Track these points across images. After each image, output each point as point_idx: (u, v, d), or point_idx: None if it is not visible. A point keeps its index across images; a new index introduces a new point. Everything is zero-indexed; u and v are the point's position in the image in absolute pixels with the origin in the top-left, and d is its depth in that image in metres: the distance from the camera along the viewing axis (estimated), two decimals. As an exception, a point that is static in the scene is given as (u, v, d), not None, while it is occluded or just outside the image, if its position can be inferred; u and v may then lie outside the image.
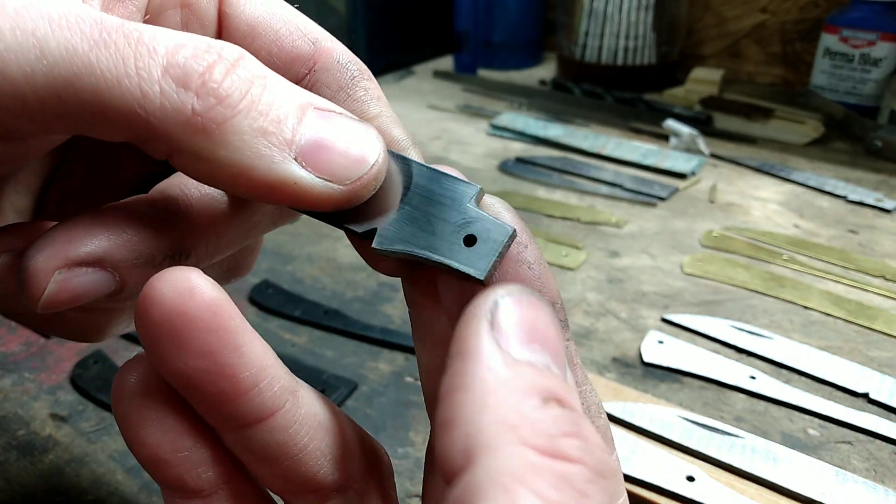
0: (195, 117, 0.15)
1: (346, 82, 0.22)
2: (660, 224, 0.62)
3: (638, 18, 0.94)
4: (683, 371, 0.42)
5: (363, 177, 0.17)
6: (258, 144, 0.16)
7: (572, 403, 0.14)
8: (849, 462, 0.36)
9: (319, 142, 0.17)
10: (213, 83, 0.16)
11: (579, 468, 0.13)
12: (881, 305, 0.49)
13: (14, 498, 0.34)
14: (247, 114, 0.16)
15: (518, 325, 0.15)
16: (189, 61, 0.16)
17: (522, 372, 0.14)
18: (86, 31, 0.15)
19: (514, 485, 0.12)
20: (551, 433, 0.13)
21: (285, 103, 0.17)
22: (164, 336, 0.17)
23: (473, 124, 0.87)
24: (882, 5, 0.82)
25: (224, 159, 0.16)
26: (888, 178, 0.71)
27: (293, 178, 0.16)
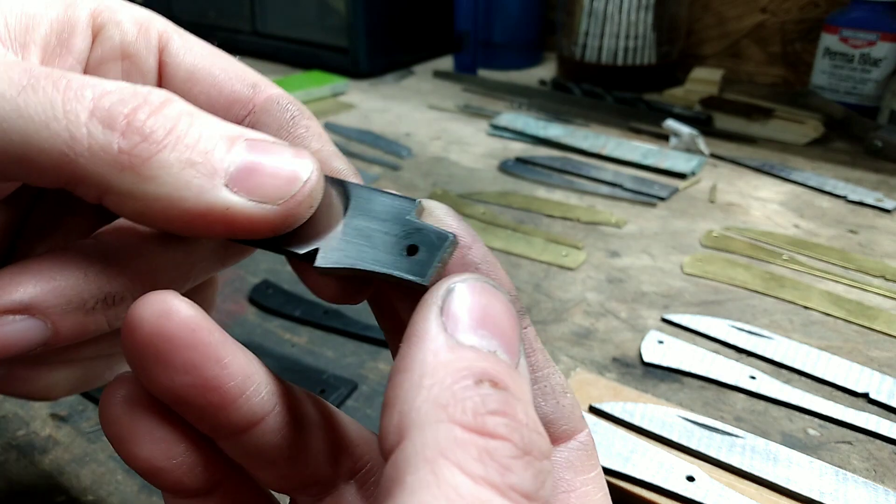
0: (121, 155, 0.16)
1: (286, 122, 0.22)
2: (660, 224, 0.62)
3: (638, 18, 0.94)
4: (683, 371, 0.42)
5: (297, 194, 0.17)
6: (186, 175, 0.16)
7: (510, 386, 0.14)
8: (849, 462, 0.36)
9: (250, 166, 0.17)
10: (138, 122, 0.16)
11: (504, 444, 0.13)
12: (881, 305, 0.49)
13: (14, 498, 0.34)
14: (173, 147, 0.16)
15: (468, 310, 0.15)
16: (115, 105, 0.16)
17: (463, 355, 0.15)
18: (13, 78, 0.16)
19: (438, 458, 0.13)
20: (478, 411, 0.14)
21: (214, 135, 0.17)
22: (148, 356, 0.17)
23: (473, 124, 0.87)
24: (882, 5, 0.82)
25: (153, 194, 0.16)
26: (888, 178, 0.71)
27: (225, 203, 0.17)
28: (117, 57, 0.22)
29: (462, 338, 0.15)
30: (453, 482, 0.13)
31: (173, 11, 1.22)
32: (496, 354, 0.15)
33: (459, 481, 0.13)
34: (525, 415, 0.14)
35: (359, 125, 0.85)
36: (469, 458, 0.13)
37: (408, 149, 0.78)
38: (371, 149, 0.78)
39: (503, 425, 0.14)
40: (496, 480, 0.13)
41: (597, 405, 0.39)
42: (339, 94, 0.98)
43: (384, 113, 0.91)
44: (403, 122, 0.87)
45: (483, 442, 0.13)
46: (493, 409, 0.14)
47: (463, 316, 0.15)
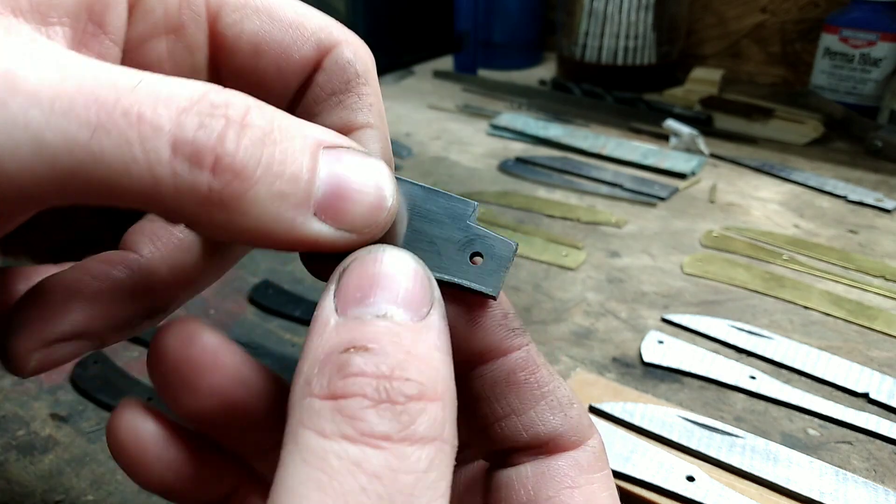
0: (212, 195, 0.15)
1: (341, 87, 0.21)
2: (660, 224, 0.62)
3: (638, 18, 0.94)
4: (683, 371, 0.42)
5: (381, 221, 0.17)
6: (278, 209, 0.15)
7: (385, 343, 0.15)
8: (849, 462, 0.36)
9: (336, 192, 0.16)
10: (228, 157, 0.15)
11: (355, 399, 0.14)
12: (881, 305, 0.49)
13: (14, 498, 0.34)
14: (264, 181, 0.15)
15: (356, 285, 0.16)
16: (198, 133, 0.14)
17: (345, 330, 0.15)
18: (82, 116, 0.14)
19: (298, 429, 0.14)
20: (333, 379, 0.14)
21: (298, 154, 0.16)
22: (175, 383, 0.18)
23: (473, 124, 0.87)
24: (882, 5, 0.82)
25: (244, 226, 0.15)
26: (888, 178, 0.71)
27: (314, 235, 0.16)
28: (160, 33, 0.20)
29: (350, 313, 0.15)
30: (308, 444, 0.14)
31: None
32: (385, 316, 0.15)
33: (314, 442, 0.14)
34: (395, 368, 0.15)
35: (359, 125, 0.85)
36: (322, 420, 0.14)
37: (408, 149, 0.78)
38: (371, 149, 0.78)
39: (355, 384, 0.14)
40: (347, 431, 0.14)
41: (597, 405, 0.39)
42: (339, 94, 0.98)
43: (384, 113, 0.91)
44: (403, 122, 0.87)
45: (335, 403, 0.14)
46: (347, 372, 0.14)
47: (352, 291, 0.16)
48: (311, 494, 0.13)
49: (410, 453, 0.14)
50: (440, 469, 0.14)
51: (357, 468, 0.13)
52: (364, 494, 0.13)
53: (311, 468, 0.13)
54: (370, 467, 0.14)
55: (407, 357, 0.15)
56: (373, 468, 0.14)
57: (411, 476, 0.14)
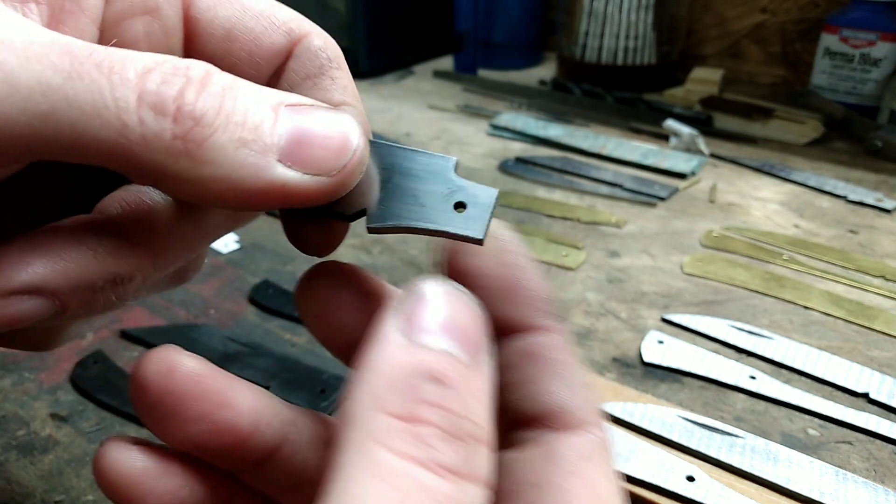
0: (176, 141, 0.16)
1: (315, 71, 0.22)
2: (660, 224, 0.62)
3: (638, 18, 0.94)
4: (683, 371, 0.42)
5: (349, 163, 0.17)
6: (241, 155, 0.16)
7: (456, 382, 0.15)
8: (849, 462, 0.36)
9: (299, 138, 0.17)
10: (188, 105, 0.16)
11: (432, 429, 0.15)
12: (881, 305, 0.49)
13: (14, 498, 0.34)
14: (224, 128, 0.16)
15: (427, 314, 0.16)
16: (161, 87, 0.16)
17: (415, 355, 0.15)
18: (56, 63, 0.15)
19: (367, 441, 0.14)
20: (411, 402, 0.15)
21: (258, 107, 0.17)
22: (160, 414, 0.18)
23: (473, 124, 0.87)
24: (882, 5, 0.82)
25: (210, 176, 0.16)
26: (888, 178, 0.71)
27: (282, 180, 0.17)
28: (136, 12, 0.20)
29: (418, 339, 0.16)
30: (379, 458, 0.14)
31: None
32: (451, 354, 0.16)
33: (385, 457, 0.14)
34: (463, 407, 0.15)
35: (359, 125, 0.85)
36: (396, 440, 0.14)
37: (408, 149, 0.78)
38: (371, 149, 0.78)
39: (433, 414, 0.15)
40: (420, 456, 0.14)
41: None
42: (339, 94, 0.98)
43: (384, 113, 0.91)
44: (403, 122, 0.87)
45: (411, 427, 0.15)
46: (426, 399, 0.15)
47: (422, 319, 0.16)
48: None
49: (467, 490, 0.15)
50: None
51: (425, 492, 0.14)
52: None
53: (381, 482, 0.14)
54: (436, 493, 0.14)
55: (470, 397, 0.16)
56: (438, 494, 0.14)
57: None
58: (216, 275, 0.53)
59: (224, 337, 0.45)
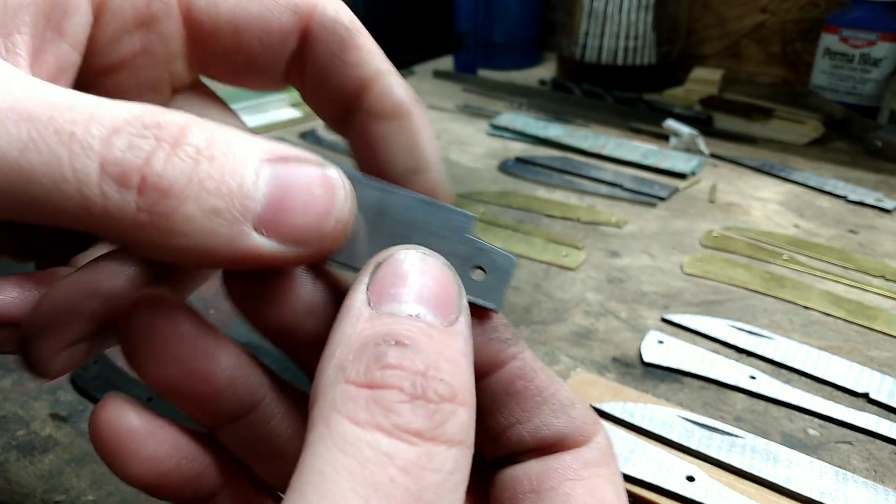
0: (141, 214, 0.14)
1: (338, 48, 0.21)
2: (660, 224, 0.62)
3: (638, 18, 0.94)
4: (683, 371, 0.42)
5: (328, 236, 0.16)
6: (213, 225, 0.15)
7: (420, 342, 0.15)
8: (849, 462, 0.36)
9: (278, 204, 0.16)
10: (154, 176, 0.14)
11: (391, 392, 0.14)
12: (881, 305, 0.49)
13: (14, 498, 0.34)
14: (196, 197, 0.15)
15: (392, 281, 0.16)
16: (126, 155, 0.14)
17: (378, 323, 0.15)
18: (13, 133, 0.14)
19: (331, 413, 0.14)
20: (370, 368, 0.15)
21: (237, 169, 0.15)
22: (142, 349, 0.18)
23: (473, 124, 0.87)
24: (882, 5, 0.82)
25: (180, 247, 0.15)
26: (888, 178, 0.71)
27: (256, 251, 0.16)
28: (131, 28, 0.20)
29: (385, 308, 0.16)
30: (341, 430, 0.14)
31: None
32: (418, 316, 0.16)
33: (347, 429, 0.14)
34: (430, 367, 0.15)
35: (359, 125, 0.85)
36: (357, 408, 0.14)
37: (408, 149, 0.78)
38: (371, 149, 0.78)
39: (392, 376, 0.15)
40: (382, 422, 0.14)
41: (597, 405, 0.39)
42: (339, 94, 0.98)
43: (384, 113, 0.91)
44: (403, 122, 0.87)
45: (371, 393, 0.14)
46: (385, 363, 0.15)
47: (387, 287, 0.16)
48: (342, 481, 0.13)
49: (439, 453, 0.14)
50: (462, 472, 0.15)
51: (389, 460, 0.14)
52: (393, 486, 0.13)
53: (343, 454, 0.14)
54: (401, 461, 0.14)
55: (440, 358, 0.15)
56: (403, 462, 0.14)
57: (438, 475, 0.14)
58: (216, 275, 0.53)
59: (224, 337, 0.45)
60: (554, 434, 0.19)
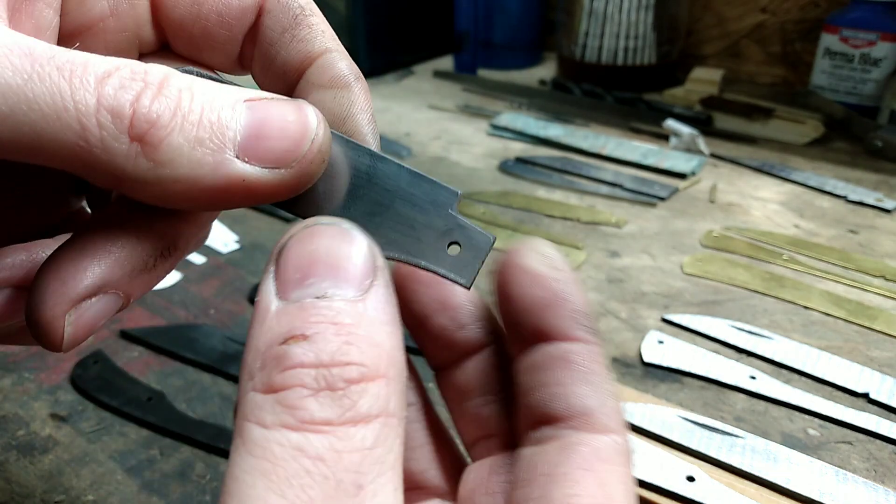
0: (133, 143, 0.16)
1: (290, 23, 0.22)
2: (660, 224, 0.62)
3: (638, 18, 0.94)
4: (683, 371, 0.42)
5: (307, 153, 0.17)
6: (198, 154, 0.16)
7: (323, 330, 0.15)
8: (849, 462, 0.36)
9: (256, 131, 0.17)
10: (143, 108, 0.16)
11: (294, 390, 0.14)
12: (881, 305, 0.49)
13: (14, 498, 0.34)
14: (181, 128, 0.16)
15: (293, 265, 0.16)
16: (119, 92, 0.16)
17: (285, 316, 0.15)
18: (17, 65, 0.15)
19: (242, 422, 0.15)
20: (276, 371, 0.15)
21: (215, 105, 0.17)
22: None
23: (473, 124, 0.87)
24: (882, 5, 0.82)
25: (169, 177, 0.16)
26: (888, 177, 0.71)
27: (241, 175, 0.17)
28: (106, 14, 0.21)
29: (291, 295, 0.16)
30: (251, 435, 0.14)
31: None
32: (325, 296, 0.16)
33: (256, 433, 0.14)
34: (331, 355, 0.15)
35: (359, 125, 0.85)
36: (264, 413, 0.14)
37: (408, 149, 0.78)
38: (371, 149, 0.78)
39: (293, 376, 0.15)
40: (288, 420, 0.14)
41: (597, 405, 0.39)
42: (339, 94, 0.98)
43: (384, 113, 0.91)
44: (403, 122, 0.87)
45: (277, 396, 0.15)
46: (286, 364, 0.15)
47: (291, 272, 0.16)
48: (257, 482, 0.14)
49: (354, 433, 0.14)
50: (386, 443, 0.15)
51: (300, 453, 0.14)
52: (308, 476, 0.14)
53: (254, 458, 0.14)
54: (313, 451, 0.14)
55: (348, 339, 0.15)
56: (316, 451, 0.14)
57: (357, 454, 0.14)
58: (216, 275, 0.53)
59: (224, 337, 0.45)
60: (584, 406, 0.19)
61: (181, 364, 0.44)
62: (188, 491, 0.35)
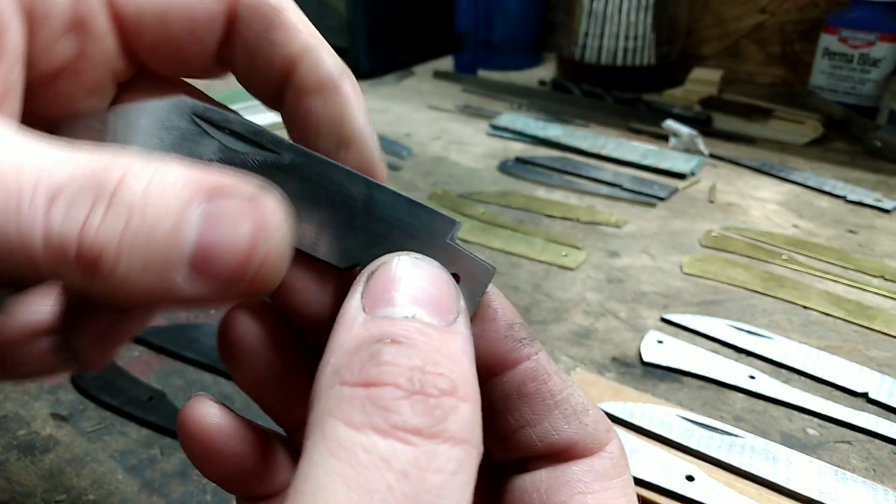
0: (83, 279, 0.15)
1: (264, 26, 0.21)
2: (659, 224, 0.62)
3: (637, 19, 0.94)
4: (683, 371, 0.43)
5: (252, 279, 0.16)
6: (146, 279, 0.16)
7: (417, 340, 0.15)
8: (848, 462, 0.36)
9: (205, 247, 0.16)
10: (89, 239, 0.15)
11: (388, 389, 0.14)
12: (880, 305, 0.50)
13: (15, 498, 0.34)
14: (128, 257, 0.15)
15: (386, 287, 0.16)
16: (64, 226, 0.15)
17: (375, 325, 0.15)
18: None
19: (326, 418, 0.14)
20: (364, 367, 0.14)
21: (169, 213, 0.16)
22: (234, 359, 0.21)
23: (473, 124, 0.87)
24: (881, 6, 0.82)
25: (119, 297, 0.16)
26: (887, 178, 0.71)
27: (189, 296, 0.16)
28: (64, 33, 0.20)
29: (378, 312, 0.16)
30: (336, 434, 0.14)
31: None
32: (414, 318, 0.16)
33: (342, 433, 0.14)
34: (427, 362, 0.15)
35: (359, 125, 0.85)
36: (352, 410, 0.14)
37: (408, 149, 0.78)
38: (371, 149, 0.78)
39: (387, 372, 0.14)
40: (378, 423, 0.14)
41: (597, 405, 0.39)
42: (338, 94, 0.98)
43: (384, 113, 0.91)
44: (403, 123, 0.87)
45: (366, 392, 0.14)
46: (380, 361, 0.14)
47: (380, 293, 0.16)
48: (337, 488, 0.13)
49: (441, 453, 0.14)
50: (467, 473, 0.14)
51: (385, 464, 0.13)
52: (391, 493, 0.13)
53: (337, 461, 0.13)
54: (398, 464, 0.13)
55: (438, 354, 0.15)
56: (401, 465, 0.13)
57: (439, 477, 0.14)
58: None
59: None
60: (564, 440, 0.19)
61: (182, 364, 0.44)
62: (189, 490, 0.35)
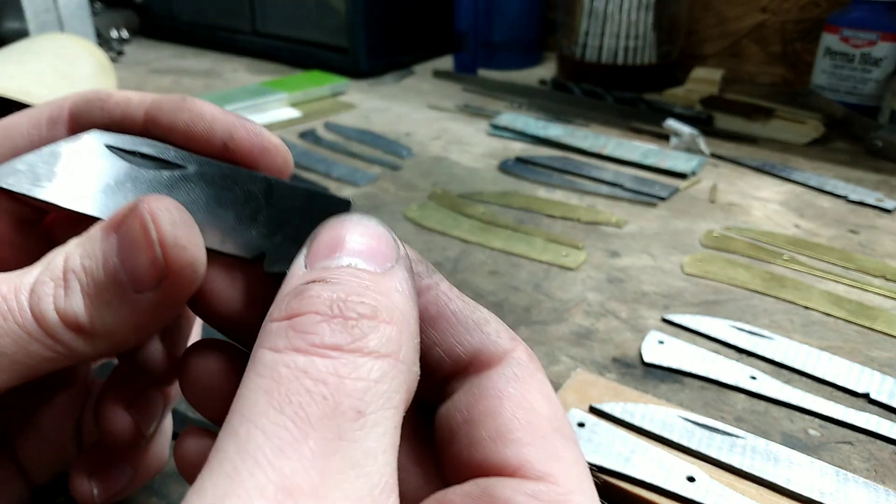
0: (70, 332, 0.19)
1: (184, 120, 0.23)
2: (660, 224, 0.62)
3: (638, 18, 0.94)
4: (684, 371, 0.42)
5: (171, 260, 0.18)
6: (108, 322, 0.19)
7: (344, 279, 0.16)
8: (849, 462, 0.36)
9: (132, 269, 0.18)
10: (61, 308, 0.18)
11: (308, 316, 0.15)
12: (882, 305, 0.49)
13: (13, 498, 0.34)
14: (93, 308, 0.19)
15: (324, 243, 0.17)
16: (42, 302, 0.18)
17: (312, 274, 0.16)
18: None
19: (257, 350, 0.15)
20: (290, 303, 0.16)
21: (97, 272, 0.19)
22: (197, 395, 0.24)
23: (473, 124, 0.86)
24: (882, 5, 0.82)
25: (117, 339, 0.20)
26: (889, 177, 0.71)
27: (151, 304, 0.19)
28: (34, 142, 0.23)
29: (318, 265, 0.17)
30: (263, 360, 0.15)
31: (173, 11, 1.21)
32: (349, 266, 0.17)
33: (267, 357, 0.15)
34: (349, 292, 0.16)
35: (359, 125, 0.85)
36: (277, 339, 0.15)
37: (408, 149, 0.78)
38: (371, 149, 0.78)
39: (309, 303, 0.15)
40: (298, 344, 0.15)
41: (597, 405, 0.39)
42: (339, 93, 0.98)
43: (384, 113, 0.91)
44: (403, 122, 0.87)
45: (289, 322, 0.15)
46: (305, 296, 0.16)
47: (321, 249, 0.17)
48: (259, 399, 0.14)
49: (361, 363, 0.15)
50: (393, 383, 0.15)
51: (304, 374, 0.14)
52: (308, 395, 0.14)
53: (261, 378, 0.14)
54: (316, 373, 0.14)
55: (365, 289, 0.16)
56: (319, 374, 0.14)
57: (361, 383, 0.14)
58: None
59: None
60: (469, 351, 0.19)
61: (181, 364, 0.44)
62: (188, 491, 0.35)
